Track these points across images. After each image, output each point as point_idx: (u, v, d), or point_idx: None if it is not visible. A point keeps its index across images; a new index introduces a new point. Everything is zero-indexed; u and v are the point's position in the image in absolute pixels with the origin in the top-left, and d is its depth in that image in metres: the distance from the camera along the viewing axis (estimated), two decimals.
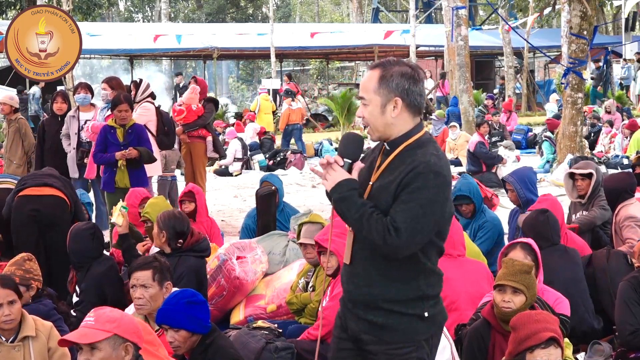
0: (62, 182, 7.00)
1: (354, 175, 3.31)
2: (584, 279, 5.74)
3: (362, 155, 3.44)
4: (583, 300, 5.61)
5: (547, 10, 30.74)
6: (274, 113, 23.92)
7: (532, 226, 5.85)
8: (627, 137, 16.06)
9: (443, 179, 3.21)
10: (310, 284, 5.87)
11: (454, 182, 9.76)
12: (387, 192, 3.23)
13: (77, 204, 7.02)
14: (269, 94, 24.37)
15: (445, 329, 4.82)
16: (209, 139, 10.96)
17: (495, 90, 29.62)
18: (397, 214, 3.17)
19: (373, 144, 3.51)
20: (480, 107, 22.43)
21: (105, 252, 6.38)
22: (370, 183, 3.30)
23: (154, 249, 6.21)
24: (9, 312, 4.44)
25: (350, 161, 3.31)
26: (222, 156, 13.85)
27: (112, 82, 9.51)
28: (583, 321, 5.51)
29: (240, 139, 17.70)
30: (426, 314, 3.30)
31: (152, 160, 8.31)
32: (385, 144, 3.33)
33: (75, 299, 5.99)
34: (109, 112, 9.01)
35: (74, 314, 5.66)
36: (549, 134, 16.24)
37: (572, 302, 5.34)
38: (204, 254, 5.92)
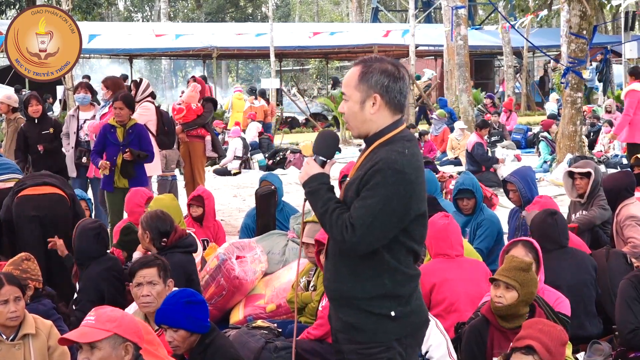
0: (59, 180, 7.03)
1: (327, 171, 3.36)
2: (591, 284, 5.66)
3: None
4: (585, 306, 5.57)
5: (543, 13, 30.70)
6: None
7: (540, 228, 5.81)
8: None
9: (403, 176, 3.18)
10: (312, 283, 5.87)
11: (453, 181, 9.81)
12: (352, 189, 3.27)
13: (76, 201, 7.02)
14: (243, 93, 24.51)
15: (440, 324, 4.86)
16: (208, 138, 10.98)
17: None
18: (355, 210, 3.20)
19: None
20: (479, 107, 22.45)
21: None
22: (347, 179, 3.36)
23: None
24: (14, 309, 4.46)
25: (324, 158, 3.35)
26: (221, 156, 13.87)
27: (107, 82, 9.52)
28: (583, 328, 5.49)
29: (243, 139, 17.72)
30: (393, 314, 3.28)
31: (146, 157, 8.33)
32: (364, 141, 3.37)
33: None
34: (104, 111, 9.06)
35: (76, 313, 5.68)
36: (545, 134, 16.26)
37: (574, 308, 5.35)
38: (189, 249, 5.92)
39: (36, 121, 9.63)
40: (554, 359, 4.01)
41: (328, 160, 3.36)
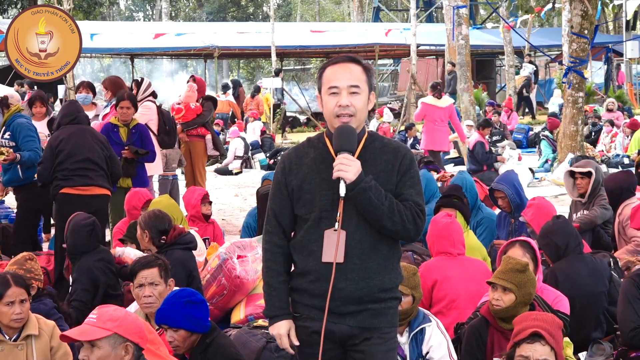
0: (100, 166, 7.24)
1: None
2: (604, 296, 5.58)
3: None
4: (596, 316, 5.53)
5: (547, 7, 30.72)
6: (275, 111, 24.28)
7: (553, 233, 5.71)
8: (628, 136, 16.05)
9: None
10: None
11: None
12: (384, 180, 3.31)
13: (115, 171, 7.44)
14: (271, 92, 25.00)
15: (441, 324, 4.87)
16: (208, 137, 10.97)
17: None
18: (415, 197, 3.33)
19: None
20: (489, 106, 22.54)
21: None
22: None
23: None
24: (20, 311, 4.46)
25: (351, 153, 3.31)
26: (223, 154, 13.87)
27: (105, 82, 9.56)
28: (590, 336, 5.48)
29: (243, 138, 17.74)
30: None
31: (147, 154, 8.34)
32: None
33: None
34: (106, 112, 9.06)
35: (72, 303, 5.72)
36: (547, 133, 16.22)
37: (585, 317, 5.38)
38: (189, 246, 5.93)
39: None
40: (557, 342, 4.03)
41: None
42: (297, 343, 3.40)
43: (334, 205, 3.30)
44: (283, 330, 3.40)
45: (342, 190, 3.25)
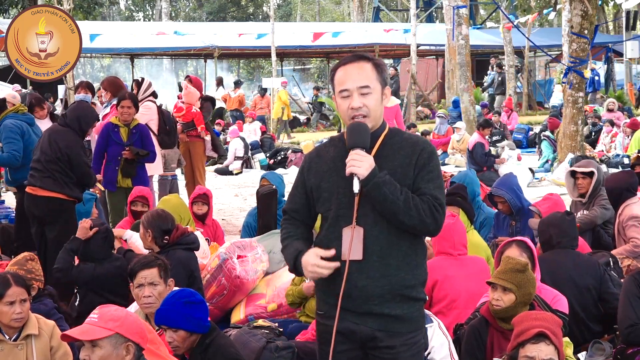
0: (47, 168, 7.12)
1: None
2: (593, 289, 5.56)
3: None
4: (590, 310, 5.54)
5: (547, 11, 30.75)
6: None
7: (554, 225, 5.75)
8: (628, 136, 16.05)
9: None
10: None
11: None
12: (402, 175, 3.29)
13: (78, 178, 7.14)
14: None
15: (442, 325, 4.87)
16: (207, 137, 10.98)
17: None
18: (434, 191, 3.30)
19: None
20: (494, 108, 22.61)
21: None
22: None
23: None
24: (20, 310, 4.46)
25: (364, 149, 3.29)
26: (221, 155, 13.87)
27: (104, 84, 9.57)
28: (588, 330, 5.49)
29: (242, 138, 17.73)
30: (427, 298, 3.46)
31: (147, 155, 8.35)
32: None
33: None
34: (106, 112, 9.07)
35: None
36: (547, 133, 16.22)
37: (579, 312, 5.41)
38: (191, 246, 5.93)
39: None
40: (559, 341, 4.03)
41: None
42: (336, 264, 3.25)
43: (351, 202, 3.28)
44: (312, 260, 3.27)
45: (356, 187, 3.24)
